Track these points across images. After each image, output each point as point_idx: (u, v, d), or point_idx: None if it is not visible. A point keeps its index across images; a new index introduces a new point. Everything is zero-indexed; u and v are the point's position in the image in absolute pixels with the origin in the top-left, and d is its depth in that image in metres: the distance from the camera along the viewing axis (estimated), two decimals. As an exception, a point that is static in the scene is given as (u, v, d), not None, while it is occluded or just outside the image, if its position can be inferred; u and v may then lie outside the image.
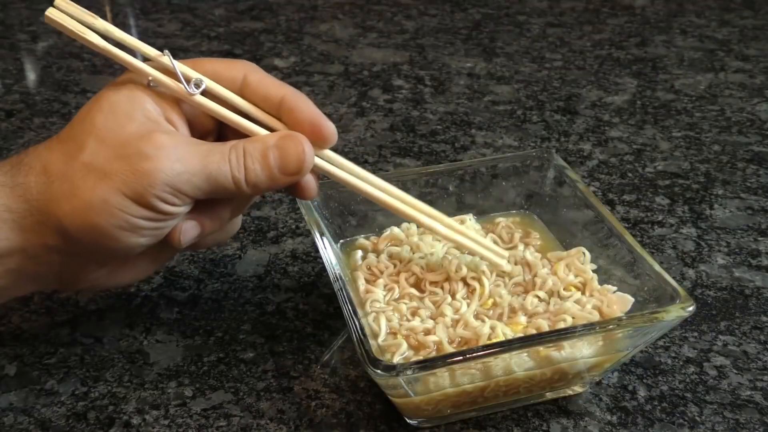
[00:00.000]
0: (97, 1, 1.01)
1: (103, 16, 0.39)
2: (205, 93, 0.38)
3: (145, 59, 0.38)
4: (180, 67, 0.37)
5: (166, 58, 0.37)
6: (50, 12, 0.35)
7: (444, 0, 1.03)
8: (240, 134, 0.38)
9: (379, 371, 0.34)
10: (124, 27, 0.93)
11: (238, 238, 0.54)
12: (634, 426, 0.40)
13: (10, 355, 0.44)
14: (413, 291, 0.43)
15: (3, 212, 0.35)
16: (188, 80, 0.37)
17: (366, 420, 0.40)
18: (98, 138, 0.35)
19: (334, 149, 0.40)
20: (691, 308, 0.37)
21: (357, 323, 0.36)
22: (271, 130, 0.39)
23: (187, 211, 0.37)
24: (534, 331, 0.39)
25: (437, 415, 0.40)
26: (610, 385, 0.43)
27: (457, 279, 0.42)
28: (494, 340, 0.38)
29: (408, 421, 0.40)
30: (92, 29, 0.36)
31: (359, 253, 0.45)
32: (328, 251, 0.42)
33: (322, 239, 0.42)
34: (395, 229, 0.47)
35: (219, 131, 0.40)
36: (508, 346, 0.36)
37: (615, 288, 0.42)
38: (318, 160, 0.39)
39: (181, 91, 0.37)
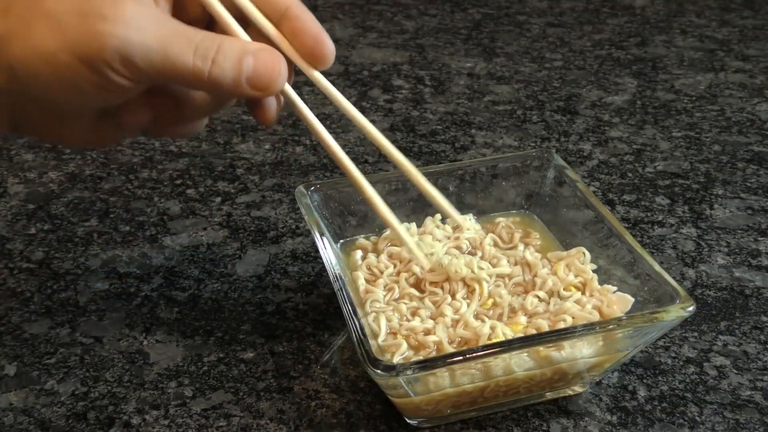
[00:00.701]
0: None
1: None
2: None
3: None
4: None
5: None
6: None
7: (444, 0, 1.03)
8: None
9: (379, 371, 0.34)
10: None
11: (238, 238, 0.54)
12: (634, 426, 0.40)
13: (10, 355, 0.44)
14: (413, 291, 0.43)
15: None
16: None
17: (366, 420, 0.40)
18: None
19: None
20: (691, 308, 0.37)
21: (357, 323, 0.36)
22: (265, 38, 0.37)
23: (142, 92, 0.35)
24: (534, 331, 0.39)
25: (437, 415, 0.40)
26: (610, 385, 0.43)
27: (456, 279, 0.42)
28: (494, 340, 0.38)
29: (408, 421, 0.40)
30: None
31: (359, 253, 0.45)
32: (328, 251, 0.42)
33: (322, 239, 0.42)
34: (395, 229, 0.47)
35: (207, 27, 0.38)
36: (508, 346, 0.36)
37: (615, 288, 0.42)
38: (288, 88, 0.38)
39: None
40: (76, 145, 0.38)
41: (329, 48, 0.37)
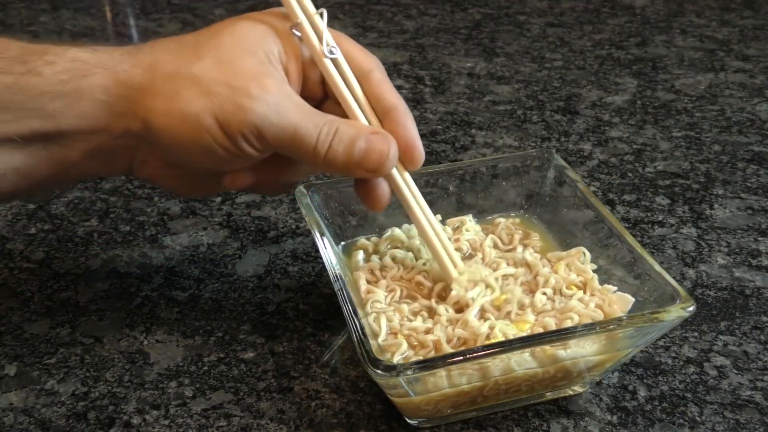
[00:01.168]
0: (98, 1, 1.01)
1: (103, 16, 0.40)
2: (333, 63, 0.40)
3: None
4: (326, 29, 0.39)
5: (318, 17, 0.39)
6: None
7: (444, 0, 1.03)
8: (339, 112, 0.40)
9: (379, 371, 0.34)
10: (124, 26, 0.94)
11: (238, 238, 0.54)
12: (635, 426, 0.40)
13: (10, 355, 0.44)
14: (415, 292, 0.42)
15: (100, 93, 0.37)
16: (327, 43, 0.39)
17: (366, 420, 0.40)
18: (217, 58, 0.37)
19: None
20: (691, 308, 0.37)
21: (357, 323, 0.36)
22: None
23: (252, 163, 0.39)
24: (540, 330, 0.39)
25: (437, 415, 0.40)
26: (610, 385, 0.43)
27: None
28: (493, 341, 0.38)
29: (408, 421, 0.40)
30: None
31: (361, 253, 0.45)
32: (328, 251, 0.42)
33: (322, 239, 0.42)
34: (396, 230, 0.47)
35: (321, 104, 0.41)
36: (508, 346, 0.36)
37: (615, 288, 0.42)
38: (396, 174, 0.41)
39: (316, 48, 0.39)
40: (178, 194, 0.42)
41: (419, 154, 0.41)
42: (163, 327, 0.46)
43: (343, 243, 0.47)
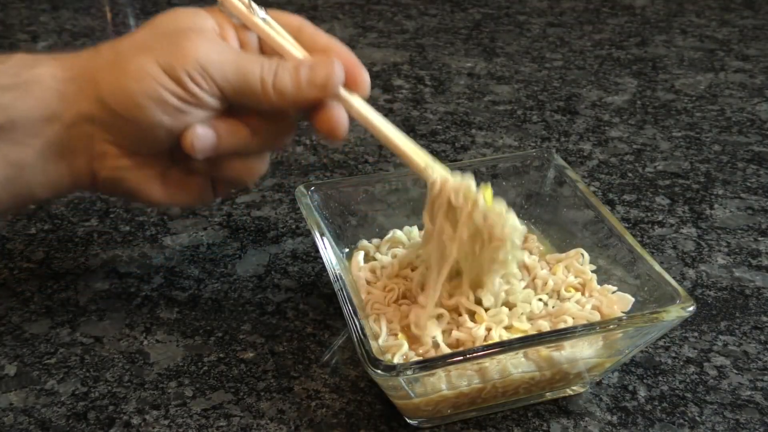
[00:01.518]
0: (97, 1, 1.01)
1: (103, 16, 0.41)
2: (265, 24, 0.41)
3: None
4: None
5: None
6: None
7: (444, 0, 1.03)
8: None
9: (379, 371, 0.34)
10: (124, 27, 0.94)
11: (238, 238, 0.54)
12: (635, 426, 0.40)
13: (10, 355, 0.44)
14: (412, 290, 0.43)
15: (49, 79, 0.38)
16: (253, 7, 0.41)
17: (366, 420, 0.40)
18: (153, 27, 0.39)
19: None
20: (691, 308, 0.37)
21: (357, 323, 0.36)
22: None
23: (210, 116, 0.39)
24: (534, 332, 0.39)
25: (437, 415, 0.40)
26: (610, 385, 0.43)
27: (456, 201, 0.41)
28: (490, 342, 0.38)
29: (408, 421, 0.40)
30: None
31: (361, 254, 0.46)
32: (328, 251, 0.42)
33: (322, 239, 0.42)
34: (398, 232, 0.47)
35: None
36: (508, 346, 0.36)
37: (615, 288, 0.42)
38: (346, 94, 0.40)
39: (244, 11, 0.40)
40: (151, 199, 0.43)
41: (363, 76, 0.41)
42: (163, 327, 0.46)
43: (346, 250, 0.47)
